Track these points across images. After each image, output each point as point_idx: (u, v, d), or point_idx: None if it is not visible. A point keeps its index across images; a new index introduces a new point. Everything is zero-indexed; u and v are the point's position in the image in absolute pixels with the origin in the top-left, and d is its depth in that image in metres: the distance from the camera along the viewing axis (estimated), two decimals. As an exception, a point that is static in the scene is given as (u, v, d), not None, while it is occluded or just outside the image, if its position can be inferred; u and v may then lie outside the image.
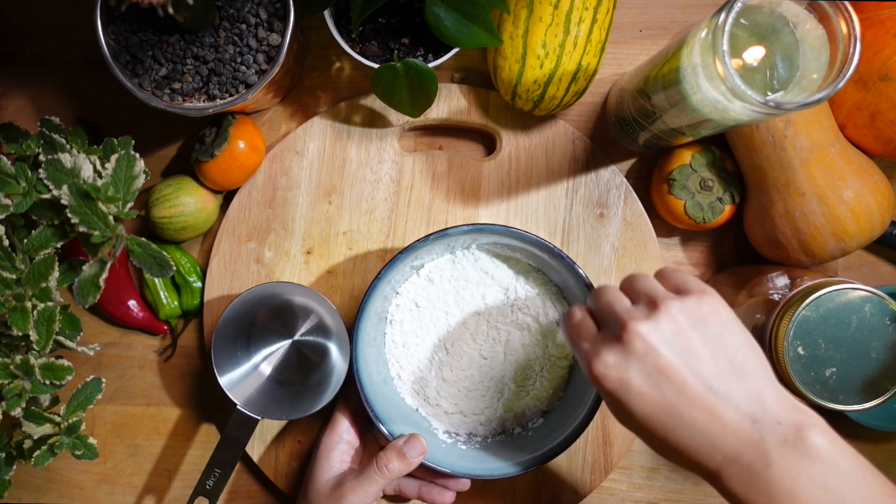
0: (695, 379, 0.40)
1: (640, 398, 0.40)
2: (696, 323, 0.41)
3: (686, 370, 0.40)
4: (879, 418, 0.64)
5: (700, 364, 0.40)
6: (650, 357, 0.40)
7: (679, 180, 0.61)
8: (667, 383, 0.40)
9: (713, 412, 0.39)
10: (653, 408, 0.40)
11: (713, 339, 0.41)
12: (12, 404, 0.52)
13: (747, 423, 0.39)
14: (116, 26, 0.56)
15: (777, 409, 0.39)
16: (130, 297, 0.65)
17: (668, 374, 0.40)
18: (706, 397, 0.39)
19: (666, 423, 0.40)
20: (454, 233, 0.56)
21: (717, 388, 0.40)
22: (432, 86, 0.57)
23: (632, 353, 0.41)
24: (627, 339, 0.41)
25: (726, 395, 0.39)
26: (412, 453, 0.56)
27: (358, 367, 0.57)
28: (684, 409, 0.39)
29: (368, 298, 0.56)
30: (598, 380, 0.41)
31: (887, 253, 0.67)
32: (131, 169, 0.53)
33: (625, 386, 0.41)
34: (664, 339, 0.40)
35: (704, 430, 0.39)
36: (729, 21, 0.41)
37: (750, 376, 0.40)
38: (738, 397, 0.39)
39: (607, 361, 0.41)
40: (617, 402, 0.41)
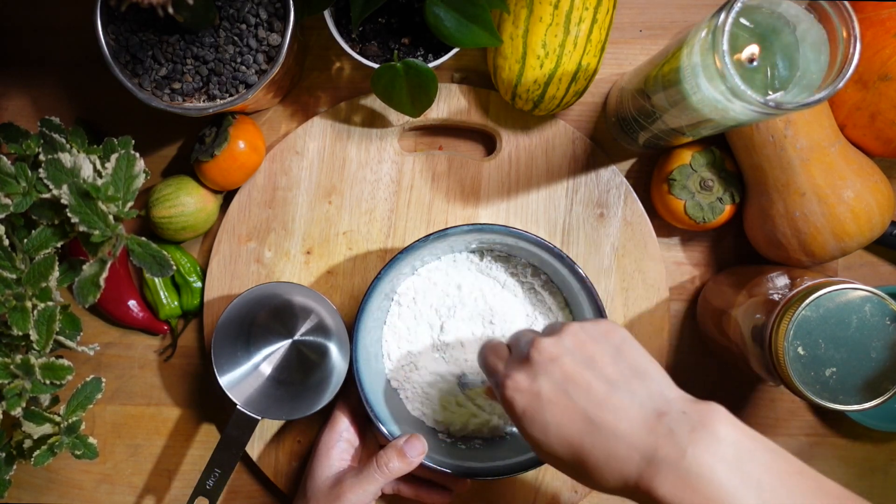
0: (598, 381, 0.41)
1: (551, 406, 0.41)
2: (596, 337, 0.44)
3: (589, 373, 0.42)
4: (879, 418, 0.64)
5: (602, 369, 0.42)
6: (555, 366, 0.42)
7: (679, 180, 0.61)
8: (574, 388, 0.41)
9: (621, 411, 0.40)
10: (564, 414, 0.41)
11: (612, 349, 0.43)
12: (12, 404, 0.52)
13: (654, 417, 0.39)
14: (116, 26, 0.56)
15: (680, 403, 0.40)
16: (130, 297, 0.65)
17: (573, 378, 0.41)
18: (612, 397, 0.41)
19: (581, 429, 0.40)
20: (454, 233, 0.56)
21: (620, 387, 0.41)
22: (432, 86, 0.57)
23: (539, 366, 0.43)
24: (534, 354, 0.43)
25: (630, 394, 0.41)
26: (412, 453, 0.56)
27: (358, 367, 0.57)
28: (593, 411, 0.40)
29: (368, 299, 0.56)
30: (511, 400, 0.43)
31: (887, 253, 0.67)
32: (131, 169, 0.53)
33: (536, 397, 0.42)
34: (567, 349, 0.43)
35: (616, 429, 0.40)
36: (729, 21, 0.41)
37: (650, 378, 0.42)
38: (641, 395, 0.41)
39: (518, 380, 0.43)
40: (531, 417, 0.42)
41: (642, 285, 0.65)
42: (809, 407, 0.67)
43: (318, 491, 0.57)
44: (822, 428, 0.67)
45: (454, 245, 0.60)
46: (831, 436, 0.67)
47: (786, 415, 0.67)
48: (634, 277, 0.65)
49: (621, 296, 0.64)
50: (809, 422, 0.67)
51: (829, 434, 0.67)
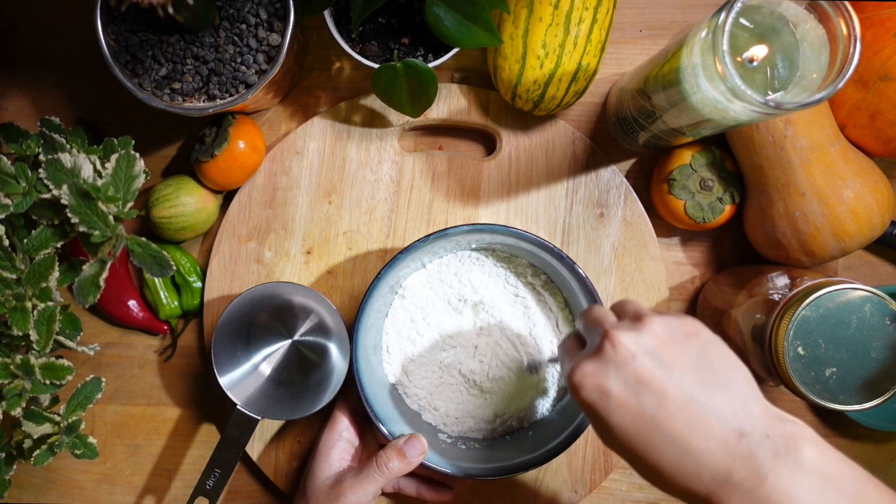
0: (676, 390, 0.38)
1: (618, 409, 0.38)
2: (679, 337, 0.40)
3: (667, 381, 0.38)
4: (879, 418, 0.64)
5: (682, 376, 0.38)
6: (629, 366, 0.39)
7: (679, 180, 0.61)
8: (646, 393, 0.38)
9: (696, 425, 0.37)
10: (631, 420, 0.38)
11: (695, 353, 0.39)
12: (12, 404, 0.52)
13: (734, 437, 0.37)
14: (116, 26, 0.56)
15: (765, 422, 0.37)
16: (130, 297, 0.65)
17: (647, 383, 0.38)
18: (688, 409, 0.37)
19: (646, 437, 0.38)
20: (454, 233, 0.56)
21: (700, 400, 0.37)
22: (432, 86, 0.57)
23: (610, 360, 0.39)
24: (608, 347, 0.40)
25: (709, 408, 0.37)
26: (412, 453, 0.56)
27: (358, 367, 0.57)
28: (665, 421, 0.37)
29: (368, 299, 0.56)
30: (576, 389, 0.40)
31: (887, 253, 0.67)
32: (131, 169, 0.53)
33: (603, 395, 0.39)
34: (645, 349, 0.39)
35: (688, 445, 0.37)
36: (729, 21, 0.41)
37: (734, 390, 0.38)
38: (722, 410, 0.37)
39: (585, 370, 0.40)
40: (596, 413, 0.39)
41: (642, 285, 0.65)
42: (809, 407, 0.67)
43: (318, 490, 0.57)
44: (822, 428, 0.67)
45: (454, 245, 0.60)
46: (831, 436, 0.67)
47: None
48: (634, 277, 0.64)
49: (621, 296, 0.64)
50: (809, 422, 0.67)
51: (829, 434, 0.67)
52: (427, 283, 0.61)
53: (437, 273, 0.61)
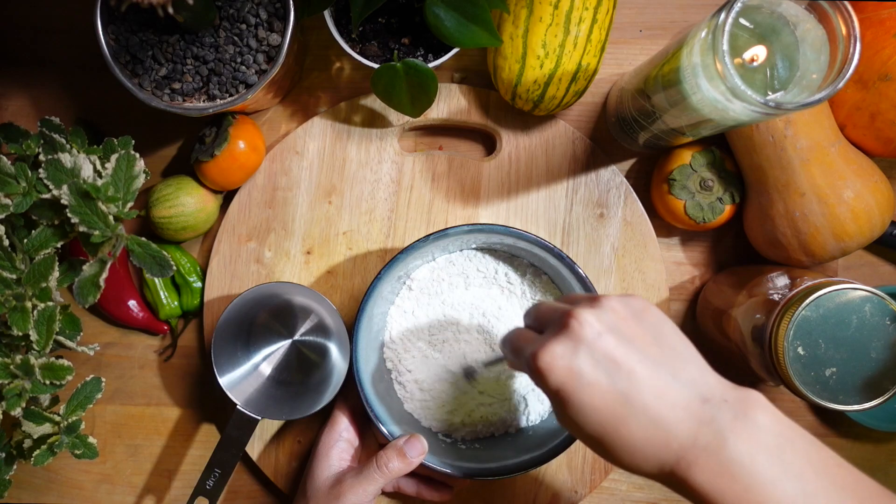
0: (642, 365, 0.38)
1: (590, 388, 0.38)
2: (635, 314, 0.40)
3: (634, 356, 0.38)
4: (879, 418, 0.64)
5: (646, 350, 0.39)
6: (598, 343, 0.39)
7: (679, 180, 0.61)
8: (616, 370, 0.38)
9: (663, 396, 0.38)
10: (603, 399, 0.38)
11: (652, 328, 0.40)
12: (12, 404, 0.52)
13: (698, 404, 0.38)
14: (116, 26, 0.56)
15: (720, 389, 0.39)
16: (130, 297, 0.65)
17: (617, 360, 0.38)
18: (655, 381, 0.38)
19: (618, 413, 0.38)
20: (454, 233, 0.56)
21: (663, 371, 0.38)
22: (432, 86, 0.57)
23: (580, 339, 0.39)
24: (575, 326, 0.39)
25: (674, 378, 0.38)
26: (412, 453, 0.56)
27: (358, 367, 0.57)
28: (635, 395, 0.38)
29: (368, 299, 0.56)
30: (544, 373, 0.39)
31: (887, 253, 0.67)
32: (131, 169, 0.53)
33: (574, 376, 0.38)
34: (609, 325, 0.39)
35: (657, 415, 0.38)
36: (729, 21, 0.41)
37: (690, 362, 0.40)
38: (684, 379, 0.39)
39: (555, 351, 0.39)
40: (565, 396, 0.39)
41: (642, 285, 0.65)
42: (809, 407, 0.67)
43: (318, 491, 0.57)
44: (822, 428, 0.67)
45: (454, 245, 0.60)
46: (831, 436, 0.67)
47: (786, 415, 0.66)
48: (634, 277, 0.64)
49: (621, 296, 0.64)
50: (809, 422, 0.67)
51: (829, 434, 0.67)
52: (428, 283, 0.61)
53: (439, 273, 0.61)
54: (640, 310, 0.41)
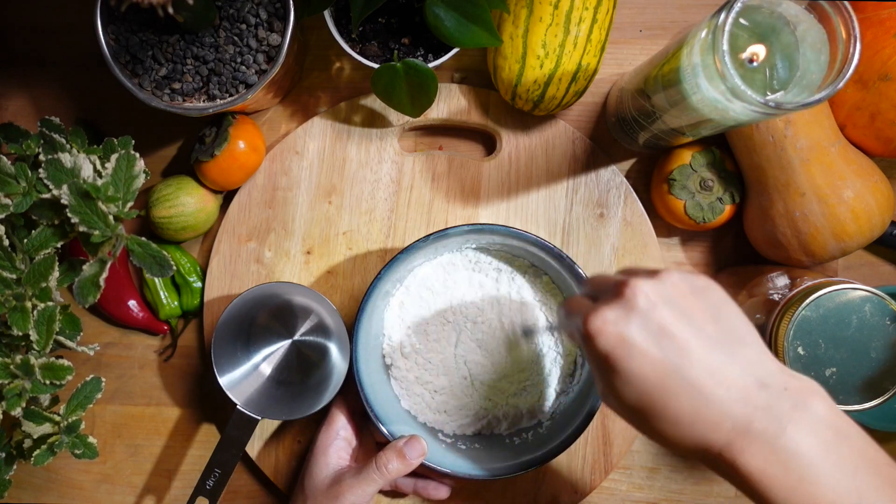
0: (698, 340, 0.37)
1: (640, 357, 0.37)
2: (696, 291, 0.39)
3: (689, 330, 0.37)
4: (879, 418, 0.64)
5: (703, 326, 0.38)
6: (653, 313, 0.38)
7: (679, 180, 0.61)
8: (669, 342, 0.37)
9: (718, 375, 0.37)
10: (653, 369, 0.37)
11: (711, 307, 0.39)
12: (12, 404, 0.52)
13: (755, 388, 0.37)
14: (116, 26, 0.56)
15: (780, 376, 0.38)
16: (130, 297, 0.65)
17: (670, 332, 0.37)
18: (710, 359, 0.37)
19: (668, 386, 0.37)
20: (454, 233, 0.56)
21: (720, 349, 0.37)
22: (432, 86, 0.57)
23: (633, 308, 0.38)
24: (629, 294, 0.38)
25: (731, 359, 0.37)
26: (412, 454, 0.56)
27: (358, 367, 0.57)
28: (687, 370, 0.37)
29: (368, 298, 0.56)
30: (594, 336, 0.38)
31: (887, 253, 0.67)
32: (131, 169, 0.53)
33: (624, 343, 0.37)
34: (665, 297, 0.38)
35: (710, 393, 0.36)
36: (729, 21, 0.41)
37: (750, 345, 0.38)
38: (741, 361, 0.37)
39: (606, 317, 0.38)
40: (613, 362, 0.38)
41: (642, 285, 0.64)
42: (809, 407, 0.67)
43: (317, 490, 0.57)
44: (822, 428, 0.67)
45: (454, 245, 0.60)
46: (831, 436, 0.67)
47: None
48: (634, 277, 0.64)
49: (621, 296, 0.64)
50: (809, 422, 0.67)
51: (829, 434, 0.67)
52: (428, 282, 0.61)
53: (439, 272, 0.61)
54: (702, 287, 0.40)
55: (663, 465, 0.66)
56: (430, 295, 0.61)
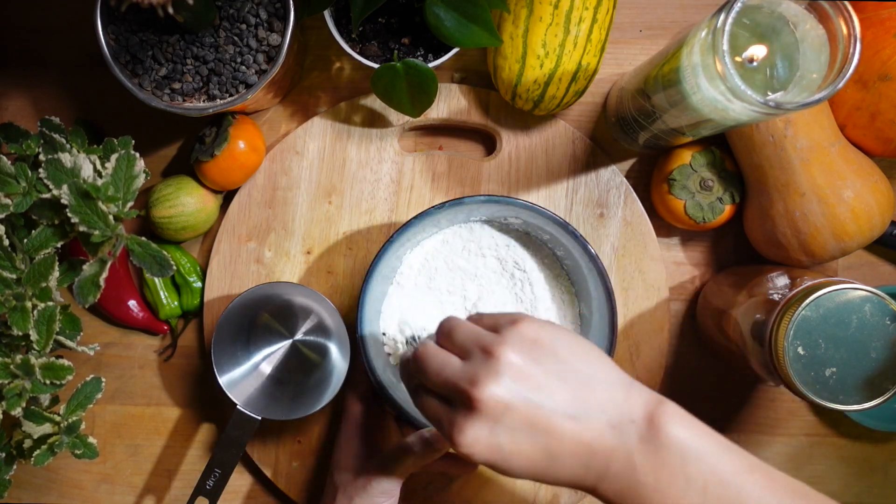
0: (556, 415, 0.40)
1: (516, 457, 0.41)
2: (531, 352, 0.41)
3: (544, 411, 0.40)
4: (879, 418, 0.64)
5: (554, 396, 0.41)
6: (509, 415, 0.40)
7: (679, 180, 0.61)
8: (533, 430, 0.40)
9: (579, 438, 0.40)
10: (529, 460, 0.40)
11: (553, 361, 0.41)
12: (12, 404, 0.52)
13: (609, 433, 0.40)
14: (116, 26, 0.56)
15: (628, 407, 0.40)
16: (130, 297, 0.65)
17: (532, 423, 0.40)
18: (571, 427, 0.40)
19: (544, 466, 0.41)
20: (470, 202, 0.56)
21: (577, 411, 0.40)
22: (432, 86, 0.57)
23: (489, 418, 0.40)
24: (480, 407, 0.40)
25: (585, 415, 0.40)
26: (439, 441, 0.56)
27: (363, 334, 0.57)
28: (555, 447, 0.40)
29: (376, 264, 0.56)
30: (471, 456, 0.41)
31: (887, 253, 0.67)
32: (131, 168, 0.53)
33: (498, 451, 0.40)
34: (514, 391, 0.40)
35: (576, 458, 0.40)
36: (729, 21, 0.41)
37: (598, 384, 0.41)
38: (595, 410, 0.40)
39: (470, 436, 0.41)
40: (495, 466, 0.41)
41: (642, 285, 0.65)
42: (809, 407, 0.67)
43: (346, 480, 0.56)
44: (822, 428, 0.67)
45: (466, 216, 0.60)
46: (831, 436, 0.67)
47: (786, 415, 0.67)
48: (634, 277, 0.64)
49: (621, 296, 0.64)
50: (809, 422, 0.67)
51: (829, 434, 0.67)
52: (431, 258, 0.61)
53: (445, 245, 0.61)
54: (532, 341, 0.42)
55: (663, 465, 0.66)
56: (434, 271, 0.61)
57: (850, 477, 0.66)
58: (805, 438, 0.67)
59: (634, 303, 0.65)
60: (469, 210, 0.58)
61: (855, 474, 0.66)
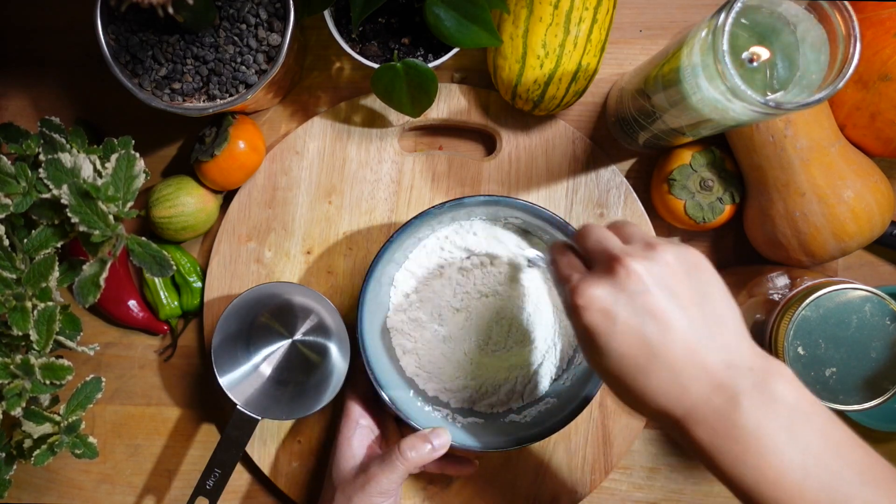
0: (680, 322, 0.39)
1: (621, 335, 0.39)
2: (687, 270, 0.41)
3: (672, 312, 0.39)
4: (879, 418, 0.64)
5: (687, 309, 0.40)
6: (642, 296, 0.39)
7: (679, 180, 0.61)
8: (653, 323, 0.39)
9: (691, 355, 0.39)
10: (630, 346, 0.39)
11: (700, 287, 0.41)
12: (12, 404, 0.52)
13: (722, 368, 0.39)
14: (116, 26, 0.56)
15: (749, 357, 0.40)
16: (130, 297, 0.65)
17: (655, 314, 0.39)
18: (687, 340, 0.39)
19: (641, 364, 0.39)
20: (470, 202, 0.56)
21: (699, 332, 0.40)
22: (432, 86, 0.57)
23: (623, 288, 0.40)
24: (621, 274, 0.40)
25: (706, 340, 0.39)
26: (437, 442, 0.56)
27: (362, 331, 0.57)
28: (664, 349, 0.39)
29: (376, 264, 0.56)
30: (580, 310, 0.40)
31: (887, 253, 0.67)
32: (131, 168, 0.53)
33: (609, 319, 0.39)
34: (657, 279, 0.40)
35: (680, 372, 0.39)
36: (729, 21, 0.41)
37: (728, 327, 0.40)
38: (718, 342, 0.40)
39: (594, 293, 0.40)
40: (595, 336, 0.40)
41: (642, 285, 0.64)
42: (809, 407, 0.67)
43: (344, 481, 0.57)
44: (822, 428, 0.67)
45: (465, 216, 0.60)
46: (831, 436, 0.67)
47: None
48: (634, 277, 0.64)
49: (621, 296, 0.64)
50: (809, 422, 0.67)
51: (829, 434, 0.67)
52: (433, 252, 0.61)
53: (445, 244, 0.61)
54: (693, 265, 0.41)
55: (663, 465, 0.66)
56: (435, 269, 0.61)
57: (850, 477, 0.66)
58: (805, 438, 0.67)
59: (634, 303, 0.64)
60: (469, 210, 0.58)
61: (855, 474, 0.66)
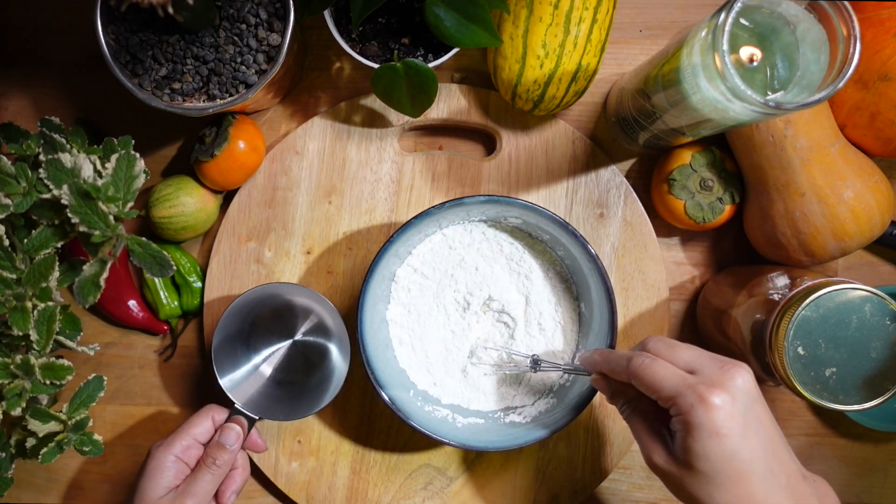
0: (776, 434, 0.45)
1: (751, 433, 0.43)
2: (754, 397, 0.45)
3: (772, 425, 0.45)
4: (879, 418, 0.64)
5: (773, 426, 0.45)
6: (756, 405, 0.44)
7: (679, 180, 0.61)
8: (763, 431, 0.44)
9: (784, 462, 0.44)
10: (757, 442, 0.43)
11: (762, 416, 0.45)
12: (12, 404, 0.52)
13: (798, 479, 0.44)
14: (116, 26, 0.56)
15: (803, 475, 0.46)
16: (130, 297, 0.65)
17: (764, 424, 0.44)
18: (781, 446, 0.44)
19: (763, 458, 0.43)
20: (470, 202, 0.56)
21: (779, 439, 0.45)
22: (432, 86, 0.57)
23: (747, 393, 0.44)
24: (740, 381, 0.44)
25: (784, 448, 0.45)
26: (229, 441, 0.57)
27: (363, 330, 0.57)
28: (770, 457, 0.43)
29: (377, 264, 0.56)
30: (716, 408, 0.43)
31: (887, 253, 0.67)
32: (131, 169, 0.53)
33: (739, 422, 0.43)
34: (757, 393, 0.45)
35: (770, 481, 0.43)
36: (729, 21, 0.41)
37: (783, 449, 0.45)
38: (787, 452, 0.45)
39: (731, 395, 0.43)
40: (723, 436, 0.42)
41: (642, 285, 0.65)
42: (809, 407, 0.67)
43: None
44: (822, 428, 0.67)
45: (466, 216, 0.60)
46: (831, 436, 0.67)
47: (786, 415, 0.67)
48: (634, 277, 0.65)
49: (621, 296, 0.64)
50: (809, 422, 0.67)
51: (829, 434, 0.67)
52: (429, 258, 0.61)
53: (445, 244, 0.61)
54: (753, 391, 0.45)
55: (663, 465, 0.66)
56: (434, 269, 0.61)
57: (850, 477, 0.66)
58: (805, 438, 0.67)
59: (634, 303, 0.65)
60: (469, 210, 0.58)
61: (855, 474, 0.66)
